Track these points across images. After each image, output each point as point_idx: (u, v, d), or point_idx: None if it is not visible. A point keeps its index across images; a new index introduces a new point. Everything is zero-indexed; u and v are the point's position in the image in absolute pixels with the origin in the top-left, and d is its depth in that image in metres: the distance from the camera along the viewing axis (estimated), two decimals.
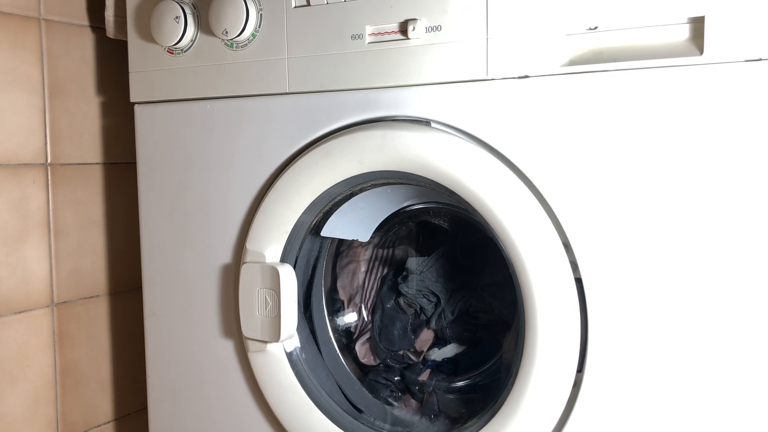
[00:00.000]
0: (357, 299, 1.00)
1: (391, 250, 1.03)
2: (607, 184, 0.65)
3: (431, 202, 0.94)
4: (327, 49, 0.78)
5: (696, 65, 0.62)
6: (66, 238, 1.04)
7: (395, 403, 0.92)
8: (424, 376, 0.95)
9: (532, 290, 0.68)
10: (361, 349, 0.97)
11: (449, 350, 0.99)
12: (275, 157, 0.83)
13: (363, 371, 0.95)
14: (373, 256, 1.02)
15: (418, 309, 1.01)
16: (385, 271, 1.03)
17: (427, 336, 1.01)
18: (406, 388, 0.94)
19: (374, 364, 0.97)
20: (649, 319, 0.65)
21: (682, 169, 0.63)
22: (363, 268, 1.01)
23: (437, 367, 0.97)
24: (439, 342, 1.00)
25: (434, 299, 0.99)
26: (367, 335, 0.99)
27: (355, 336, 0.98)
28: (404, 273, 1.01)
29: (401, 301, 1.01)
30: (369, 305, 1.01)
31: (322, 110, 0.79)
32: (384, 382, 0.94)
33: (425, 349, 1.00)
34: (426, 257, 1.00)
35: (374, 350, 0.98)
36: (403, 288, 1.00)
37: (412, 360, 0.99)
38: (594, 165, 0.66)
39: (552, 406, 0.69)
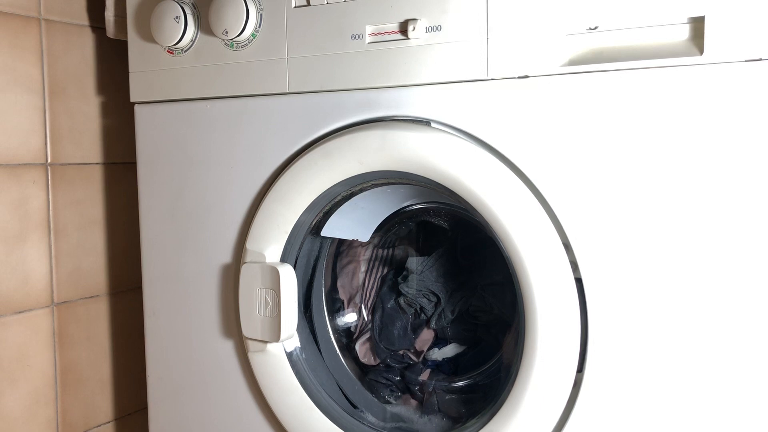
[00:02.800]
0: (357, 299, 1.00)
1: (391, 249, 1.03)
2: (607, 184, 0.65)
3: (431, 202, 0.94)
4: (327, 49, 0.78)
5: (696, 65, 0.62)
6: (66, 238, 1.04)
7: (395, 402, 0.92)
8: (424, 376, 0.95)
9: (532, 290, 0.68)
10: (361, 348, 0.97)
11: (449, 350, 0.99)
12: (275, 157, 0.83)
13: (363, 371, 0.95)
14: (373, 256, 1.02)
15: (418, 309, 1.01)
16: (385, 270, 1.03)
17: (427, 336, 1.01)
18: (406, 388, 0.94)
19: (374, 363, 0.97)
20: (649, 319, 0.65)
21: (682, 169, 0.63)
22: (363, 268, 1.01)
23: (437, 367, 0.97)
24: (439, 342, 1.00)
25: (434, 299, 0.99)
26: (367, 335, 0.99)
27: (355, 336, 0.98)
28: (404, 273, 1.01)
29: (401, 300, 1.01)
30: (369, 305, 1.01)
31: (322, 110, 0.79)
32: (384, 381, 0.94)
33: (425, 349, 1.00)
34: (426, 257, 1.00)
35: (374, 350, 0.98)
36: (403, 288, 1.00)
37: (412, 360, 0.99)
38: (594, 165, 0.66)
39: (552, 406, 0.69)
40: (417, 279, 1.00)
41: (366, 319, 1.00)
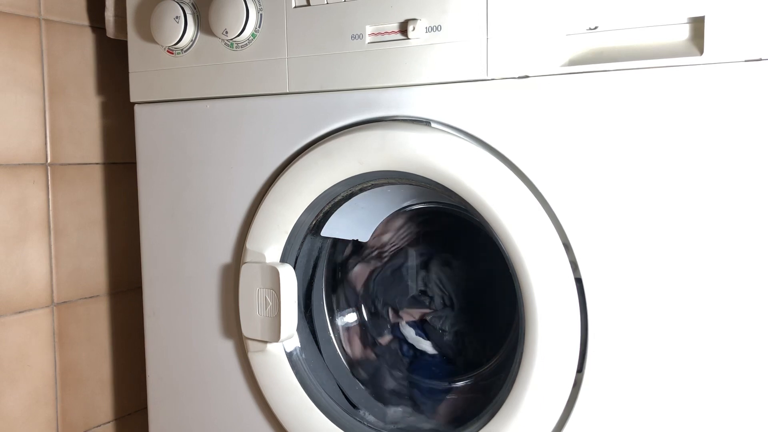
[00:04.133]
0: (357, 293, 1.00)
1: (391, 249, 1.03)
2: (607, 184, 0.65)
3: (431, 202, 0.94)
4: (327, 49, 0.78)
5: (696, 65, 0.62)
6: (66, 238, 1.04)
7: (393, 400, 0.92)
8: (423, 375, 0.95)
9: (532, 290, 0.68)
10: (349, 336, 0.97)
11: (423, 344, 0.99)
12: (275, 157, 0.83)
13: (362, 370, 0.95)
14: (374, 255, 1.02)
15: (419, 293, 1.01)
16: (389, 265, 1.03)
17: (415, 314, 1.01)
18: (406, 388, 0.94)
19: (359, 356, 0.97)
20: (649, 319, 0.65)
21: (682, 169, 0.63)
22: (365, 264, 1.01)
23: (437, 367, 0.97)
24: (419, 329, 1.00)
25: (432, 298, 0.99)
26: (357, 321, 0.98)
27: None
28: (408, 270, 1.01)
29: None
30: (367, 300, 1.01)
31: (322, 110, 0.79)
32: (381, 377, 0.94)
33: (405, 321, 1.00)
34: (426, 257, 1.00)
35: (363, 338, 0.98)
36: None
37: (388, 319, 0.99)
38: (594, 165, 0.66)
39: (552, 406, 0.69)
40: (417, 278, 1.00)
41: (365, 318, 1.00)
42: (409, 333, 1.00)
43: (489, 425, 0.73)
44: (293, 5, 0.79)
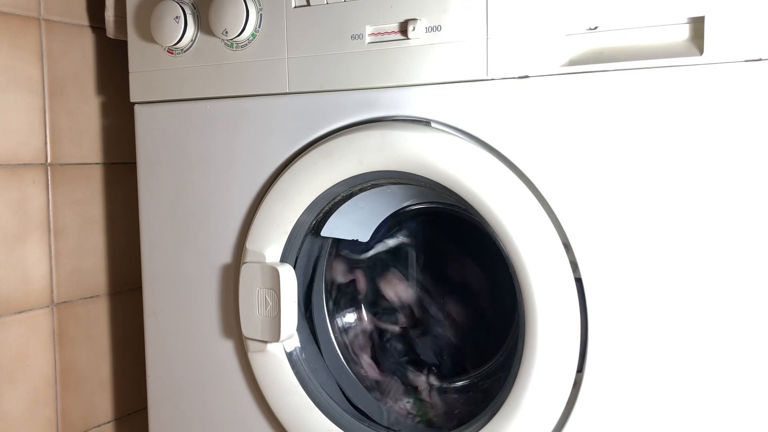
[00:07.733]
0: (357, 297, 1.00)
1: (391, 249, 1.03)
2: (607, 184, 0.65)
3: (431, 202, 0.94)
4: (327, 49, 0.78)
5: (696, 65, 0.62)
6: (66, 238, 1.04)
7: (394, 401, 0.92)
8: (424, 376, 0.95)
9: (532, 290, 0.68)
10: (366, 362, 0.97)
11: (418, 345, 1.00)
12: (275, 157, 0.83)
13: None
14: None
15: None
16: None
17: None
18: (407, 388, 0.94)
19: (378, 376, 0.97)
20: (649, 319, 0.65)
21: (682, 169, 0.63)
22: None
23: (436, 366, 0.97)
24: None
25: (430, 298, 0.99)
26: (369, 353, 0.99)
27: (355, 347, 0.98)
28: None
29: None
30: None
31: (322, 110, 0.79)
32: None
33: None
34: (425, 257, 1.00)
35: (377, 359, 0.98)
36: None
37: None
38: (594, 165, 0.66)
39: (552, 406, 0.69)
40: (416, 278, 1.00)
41: (366, 318, 1.00)
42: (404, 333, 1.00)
43: (489, 425, 0.73)
44: (293, 5, 0.79)
